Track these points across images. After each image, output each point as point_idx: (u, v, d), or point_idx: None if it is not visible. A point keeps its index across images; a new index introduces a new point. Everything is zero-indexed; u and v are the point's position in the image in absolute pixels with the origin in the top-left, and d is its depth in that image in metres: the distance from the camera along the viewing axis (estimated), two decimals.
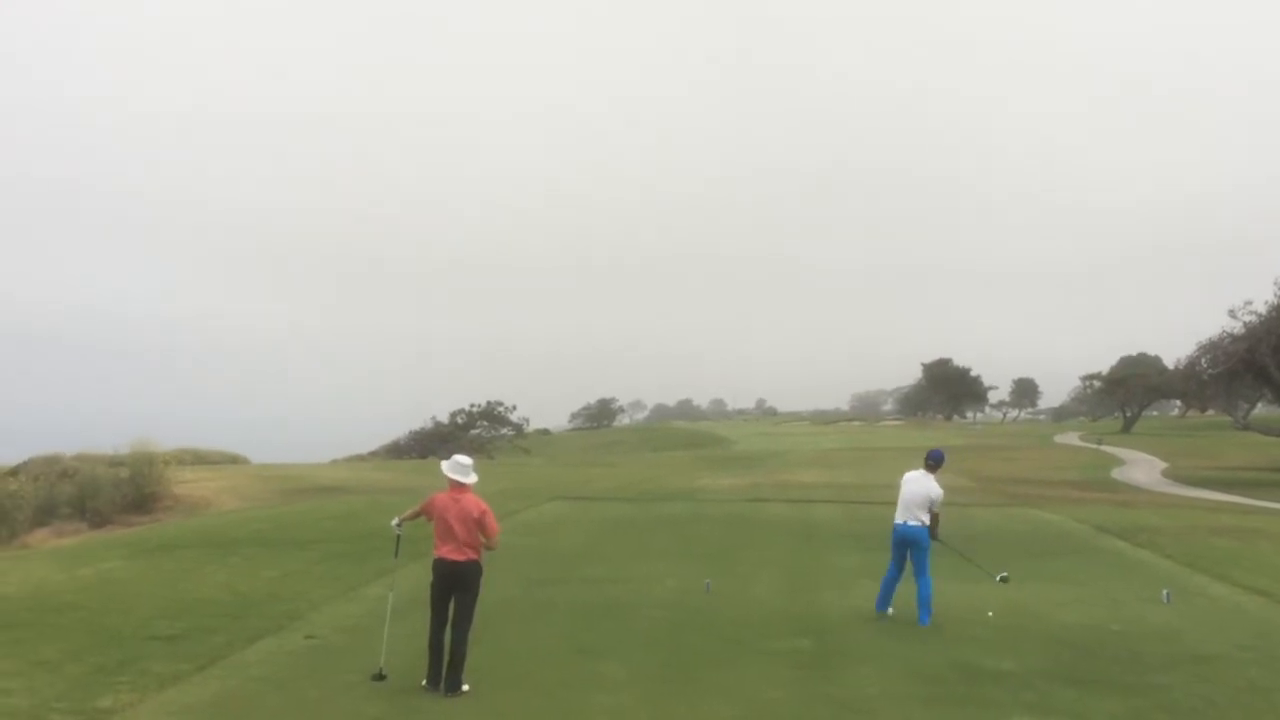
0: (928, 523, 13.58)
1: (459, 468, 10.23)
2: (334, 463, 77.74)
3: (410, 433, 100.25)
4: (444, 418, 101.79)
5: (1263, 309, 58.72)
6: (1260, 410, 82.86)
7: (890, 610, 13.68)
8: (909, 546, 13.63)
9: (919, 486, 13.63)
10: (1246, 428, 67.60)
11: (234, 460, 64.41)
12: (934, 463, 13.80)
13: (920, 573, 13.50)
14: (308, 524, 25.00)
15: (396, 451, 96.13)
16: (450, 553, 9.92)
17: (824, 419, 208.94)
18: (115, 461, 38.48)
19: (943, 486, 13.72)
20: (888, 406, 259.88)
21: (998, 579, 13.58)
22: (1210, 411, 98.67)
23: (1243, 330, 59.32)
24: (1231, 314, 59.98)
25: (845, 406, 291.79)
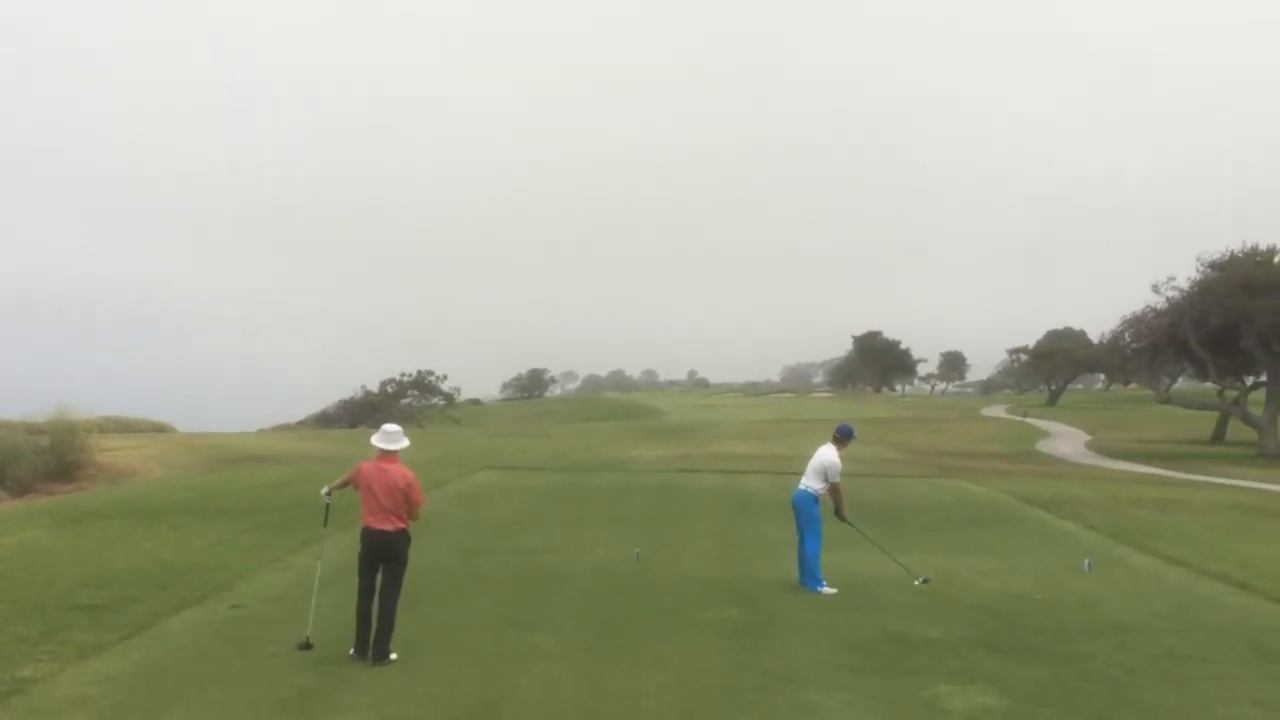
0: (819, 490, 13.73)
1: (385, 436, 10.13)
2: (262, 432, 76.94)
3: (340, 402, 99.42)
4: (374, 387, 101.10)
5: (1185, 284, 59.81)
6: (1181, 384, 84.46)
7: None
8: (796, 511, 13.85)
9: (820, 457, 13.80)
10: (1168, 401, 68.81)
11: (160, 429, 63.40)
12: (841, 437, 13.94)
13: (804, 538, 13.67)
14: (235, 493, 24.72)
15: (326, 421, 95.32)
16: (378, 522, 9.84)
17: (755, 391, 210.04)
18: (34, 429, 37.73)
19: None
20: (818, 379, 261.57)
21: (918, 582, 13.69)
22: (1133, 385, 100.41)
23: (1166, 305, 60.41)
24: (1155, 289, 61.09)
25: (777, 378, 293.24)
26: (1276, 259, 57.22)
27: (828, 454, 13.77)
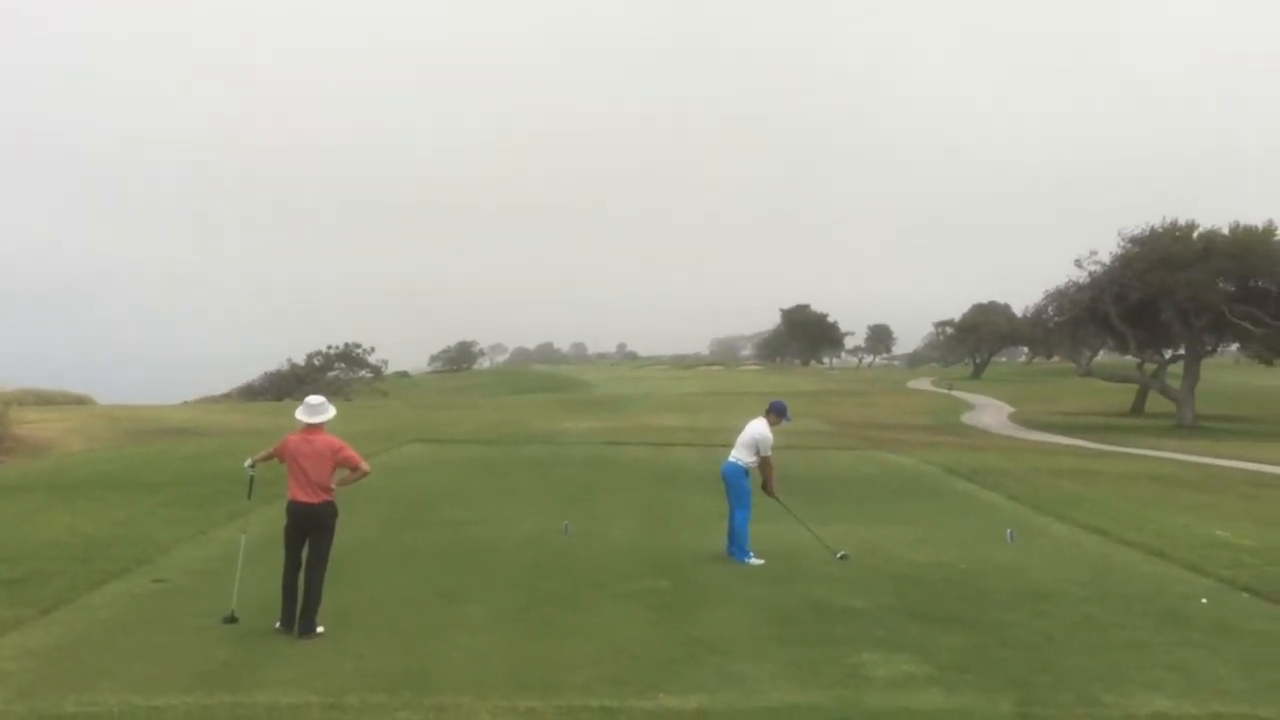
0: (749, 463, 13.86)
1: (309, 409, 10.04)
2: (185, 404, 75.86)
3: (265, 374, 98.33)
4: (300, 360, 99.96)
5: (1107, 259, 60.78)
6: (1102, 357, 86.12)
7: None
8: (726, 484, 13.97)
9: (751, 430, 13.93)
10: (1089, 374, 70.09)
11: (80, 401, 62.22)
12: (774, 414, 14.06)
13: (734, 510, 13.80)
14: (157, 466, 24.39)
15: (250, 393, 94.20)
16: (303, 494, 9.76)
17: (684, 363, 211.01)
18: None
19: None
20: (747, 352, 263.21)
21: (837, 556, 13.82)
22: (1056, 358, 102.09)
23: (1088, 280, 61.38)
24: (1078, 264, 62.05)
25: (705, 351, 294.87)
26: (1195, 235, 58.31)
27: (759, 427, 13.87)
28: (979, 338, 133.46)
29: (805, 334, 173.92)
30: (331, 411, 10.16)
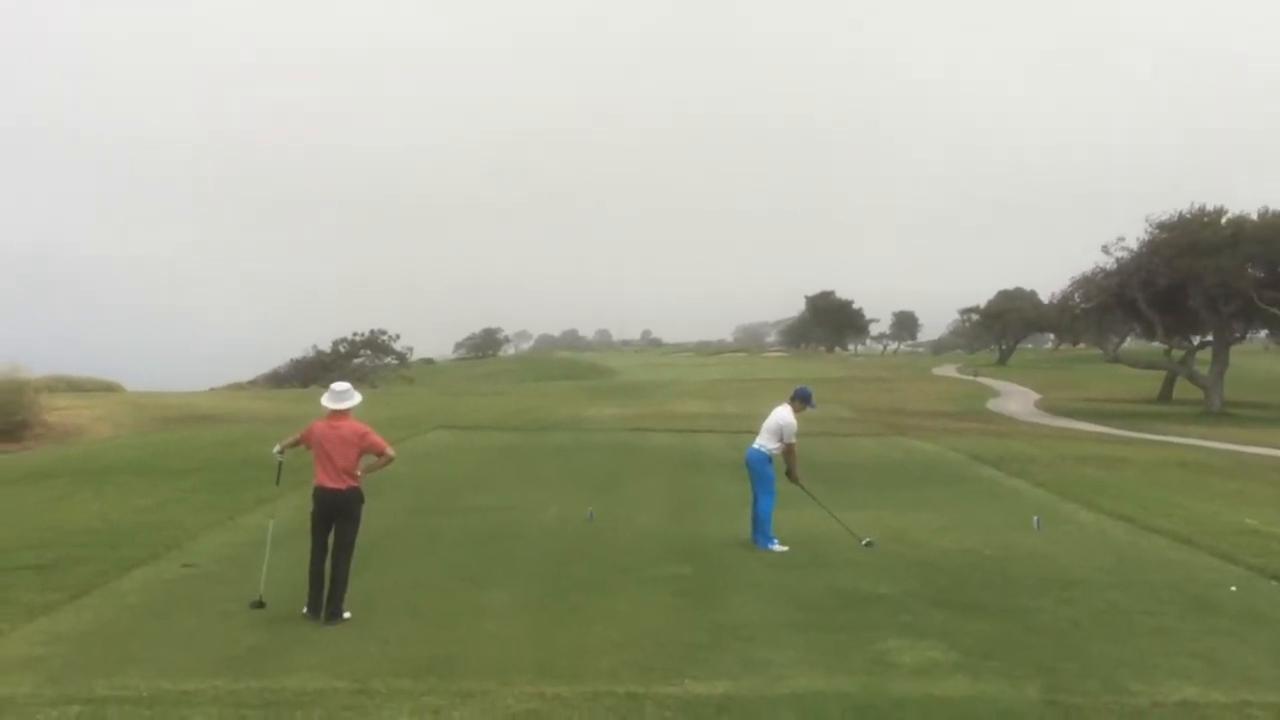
0: (772, 450, 13.80)
1: (334, 395, 10.09)
2: (212, 391, 76.35)
3: (291, 361, 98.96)
4: (326, 347, 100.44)
5: (1134, 245, 60.37)
6: (1129, 344, 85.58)
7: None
8: (750, 470, 13.94)
9: (776, 417, 13.87)
10: (1116, 360, 69.67)
11: (109, 388, 62.74)
12: (799, 400, 14.01)
13: (758, 496, 13.77)
14: (185, 452, 24.54)
15: (277, 380, 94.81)
16: (329, 480, 9.81)
17: (708, 350, 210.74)
18: None
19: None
20: (771, 338, 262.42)
21: (862, 543, 13.77)
22: (1082, 345, 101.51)
23: (1115, 266, 61.00)
24: (1105, 250, 61.63)
25: (729, 338, 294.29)
26: (1224, 220, 57.86)
27: (784, 414, 13.83)
28: (1005, 324, 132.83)
29: (830, 320, 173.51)
30: (357, 398, 10.20)
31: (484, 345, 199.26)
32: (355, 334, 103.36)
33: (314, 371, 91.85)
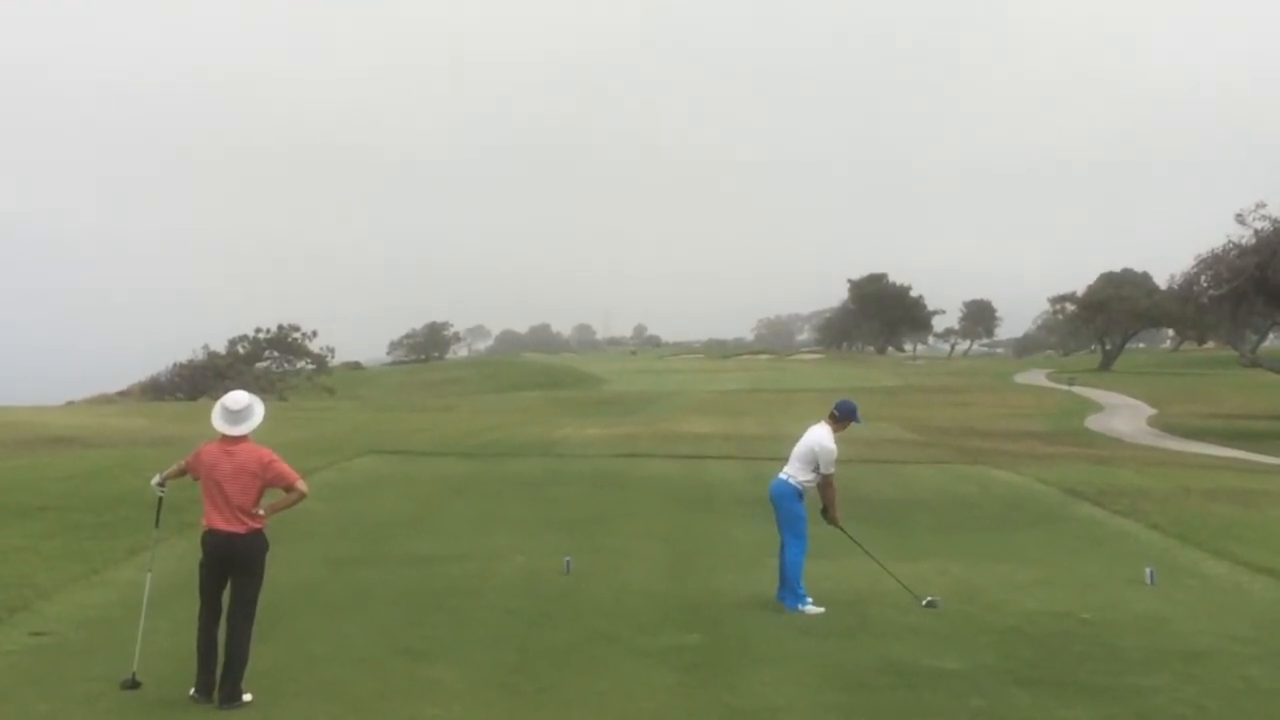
0: (804, 482, 13.76)
1: (228, 415, 9.93)
2: (71, 406, 76.22)
3: (175, 365, 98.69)
4: (221, 347, 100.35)
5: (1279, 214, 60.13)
6: (1272, 342, 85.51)
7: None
8: (775, 507, 13.93)
9: (809, 440, 13.80)
10: (1255, 364, 69.37)
11: None
12: (840, 416, 13.93)
13: (786, 543, 13.75)
14: (33, 486, 24.45)
15: (156, 391, 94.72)
16: (223, 523, 9.74)
17: (722, 352, 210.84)
18: None
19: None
20: (804, 336, 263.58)
21: (923, 603, 13.76)
22: (1210, 344, 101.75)
23: (1253, 240, 60.64)
24: (1240, 219, 61.18)
25: (749, 336, 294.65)
26: None
27: (820, 435, 13.74)
28: (1109, 318, 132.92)
29: (881, 313, 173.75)
30: (259, 415, 10.11)
31: (427, 345, 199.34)
32: (259, 330, 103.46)
33: (205, 379, 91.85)
